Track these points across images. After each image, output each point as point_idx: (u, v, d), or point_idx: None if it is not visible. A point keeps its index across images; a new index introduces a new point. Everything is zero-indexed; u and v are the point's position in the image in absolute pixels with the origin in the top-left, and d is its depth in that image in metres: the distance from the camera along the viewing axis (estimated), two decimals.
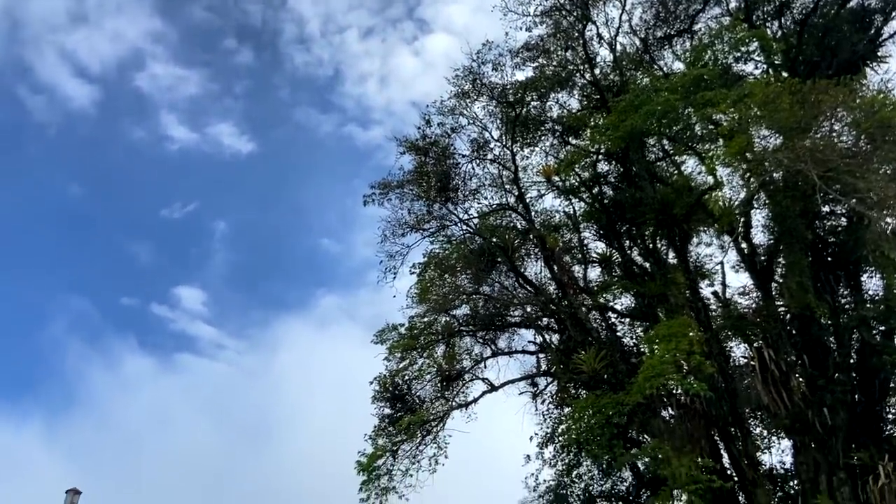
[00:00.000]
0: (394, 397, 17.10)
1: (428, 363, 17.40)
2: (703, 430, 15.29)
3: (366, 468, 15.82)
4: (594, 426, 14.12)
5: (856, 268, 15.37)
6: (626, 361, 16.65)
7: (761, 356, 14.52)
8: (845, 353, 15.19)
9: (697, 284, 17.45)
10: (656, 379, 13.29)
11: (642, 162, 17.67)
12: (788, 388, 14.39)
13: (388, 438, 16.58)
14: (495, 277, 18.46)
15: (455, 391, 17.81)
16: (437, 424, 17.05)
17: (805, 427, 14.58)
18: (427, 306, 17.94)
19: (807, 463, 14.79)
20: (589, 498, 17.49)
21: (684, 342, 13.63)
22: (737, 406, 15.49)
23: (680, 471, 12.95)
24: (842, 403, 14.49)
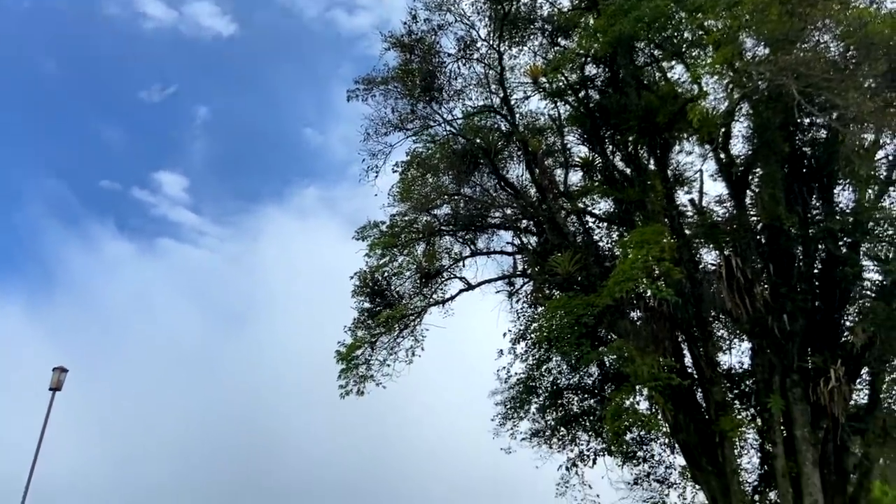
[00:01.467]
0: (373, 292, 17.66)
1: (408, 261, 17.86)
2: (667, 331, 16.06)
3: (345, 357, 16.59)
4: (565, 325, 14.78)
5: (829, 181, 15.69)
6: (600, 265, 17.19)
7: (729, 264, 15.05)
8: (810, 264, 15.80)
9: (675, 192, 17.79)
10: (626, 283, 13.84)
11: (630, 67, 17.49)
12: (752, 295, 15.01)
13: (367, 331, 17.28)
14: (477, 179, 18.64)
15: (433, 288, 18.39)
16: (415, 319, 17.74)
17: (764, 331, 15.35)
18: (408, 205, 18.19)
19: (763, 364, 15.68)
20: (556, 390, 18.50)
21: (656, 249, 14.10)
22: (701, 310, 16.19)
23: (643, 368, 13.68)
24: (801, 311, 15.20)
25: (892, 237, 14.77)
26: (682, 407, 15.80)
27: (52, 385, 18.86)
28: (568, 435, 18.82)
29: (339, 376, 16.74)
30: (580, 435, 18.82)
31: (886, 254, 15.04)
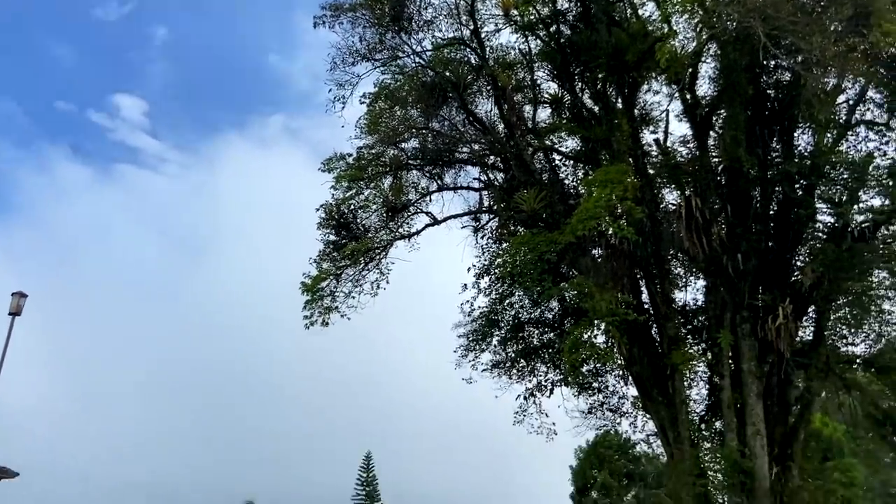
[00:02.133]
0: (339, 225, 17.68)
1: (374, 194, 17.86)
2: (626, 269, 16.48)
3: (310, 289, 16.72)
4: (528, 261, 15.06)
5: (789, 125, 15.98)
6: (564, 203, 17.42)
7: (689, 204, 15.38)
8: (766, 205, 16.25)
9: (640, 132, 17.94)
10: (589, 221, 14.11)
11: (601, 2, 17.33)
12: (709, 235, 15.42)
13: (333, 263, 17.39)
14: (445, 113, 18.51)
15: (399, 222, 18.48)
16: (381, 253, 17.88)
17: (719, 270, 15.86)
18: (376, 137, 18.05)
19: (715, 302, 16.28)
20: (518, 324, 18.98)
21: (620, 188, 14.34)
22: (660, 248, 16.62)
23: (601, 304, 14.10)
24: (755, 250, 15.70)
25: (846, 181, 15.20)
26: (637, 341, 16.39)
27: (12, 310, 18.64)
28: (527, 366, 19.41)
29: (304, 307, 16.91)
30: (539, 366, 19.43)
31: (840, 197, 15.50)
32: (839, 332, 17.13)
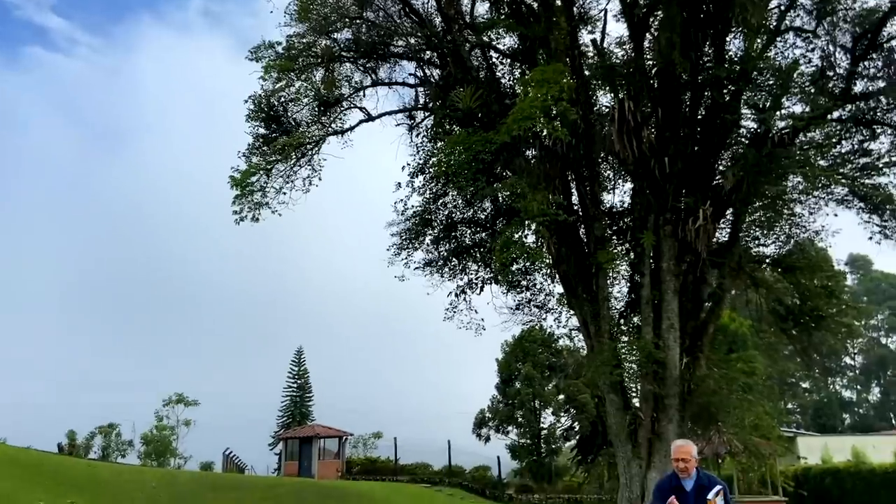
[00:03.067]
0: (269, 118, 17.09)
1: (305, 87, 17.24)
2: (558, 170, 16.74)
3: (239, 183, 16.30)
4: (463, 161, 15.05)
5: (723, 29, 16.11)
6: (500, 102, 17.30)
7: (622, 106, 15.57)
8: (695, 110, 16.59)
9: (578, 31, 17.75)
10: (525, 121, 14.09)
11: None
12: (640, 138, 15.74)
13: (263, 157, 16.92)
14: (380, 2, 17.77)
15: (332, 117, 18.01)
16: (313, 148, 17.49)
17: (646, 173, 16.32)
18: (307, 26, 17.22)
19: (641, 204, 16.82)
20: (451, 224, 19.19)
21: (556, 88, 14.30)
22: (592, 151, 16.88)
23: (533, 204, 14.34)
24: (682, 154, 16.17)
25: (771, 87, 15.59)
26: (565, 241, 16.91)
27: None
28: (459, 265, 19.80)
29: (233, 202, 16.55)
30: (470, 265, 19.85)
31: (764, 103, 15.94)
32: (753, 233, 18.10)
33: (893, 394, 72.02)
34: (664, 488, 5.99)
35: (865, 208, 16.34)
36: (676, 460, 5.95)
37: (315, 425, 46.67)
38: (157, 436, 48.90)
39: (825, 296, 17.26)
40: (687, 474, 5.89)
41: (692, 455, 5.93)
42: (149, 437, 48.84)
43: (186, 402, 50.32)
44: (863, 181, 15.91)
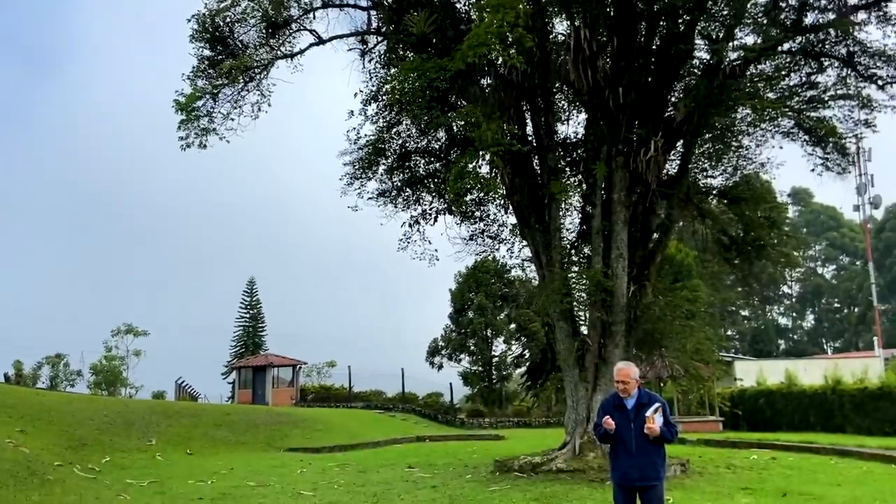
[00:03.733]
0: (214, 39, 16.35)
1: (252, 6, 16.49)
2: (513, 100, 16.60)
3: (184, 108, 15.70)
4: (417, 88, 14.72)
5: None
6: (456, 27, 16.87)
7: (578, 34, 15.38)
8: (650, 40, 16.53)
9: None
10: (480, 48, 13.79)
11: None
12: (595, 67, 15.63)
13: (209, 81, 16.28)
14: None
15: (281, 40, 17.34)
16: (261, 72, 16.89)
17: (600, 103, 16.32)
18: None
19: (594, 135, 16.89)
20: (404, 153, 18.98)
21: (511, 14, 13.99)
22: (547, 80, 16.73)
23: (487, 134, 14.24)
24: (635, 85, 16.17)
25: (725, 17, 15.57)
26: (519, 171, 16.95)
27: None
28: (413, 195, 19.72)
29: (178, 127, 15.98)
30: (424, 195, 19.80)
31: (717, 33, 15.96)
32: (701, 165, 18.45)
33: (826, 321, 75.84)
34: (607, 406, 6.28)
35: (810, 141, 16.76)
36: (618, 382, 6.19)
37: (268, 354, 46.88)
38: (106, 366, 48.44)
39: (767, 226, 17.84)
40: (628, 394, 6.14)
41: (632, 377, 6.17)
42: (98, 367, 48.35)
43: (136, 332, 49.78)
44: (808, 114, 16.25)
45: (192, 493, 12.46)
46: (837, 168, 16.87)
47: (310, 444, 22.91)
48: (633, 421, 6.01)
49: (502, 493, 12.15)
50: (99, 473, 14.05)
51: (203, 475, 14.93)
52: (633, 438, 5.96)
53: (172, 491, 12.64)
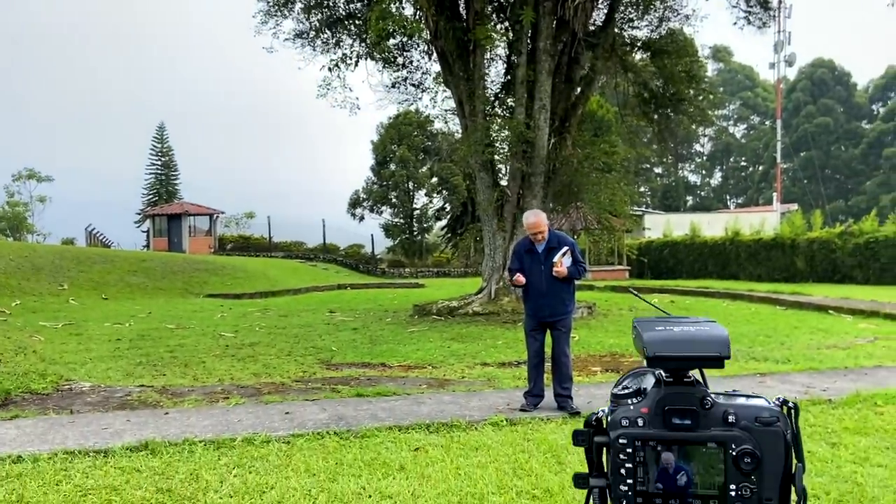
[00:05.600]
0: None
1: None
2: None
3: None
4: None
5: None
6: None
7: None
8: None
9: None
10: None
11: None
12: None
13: None
14: None
15: None
16: None
17: None
18: None
19: None
20: None
21: None
22: None
23: None
24: None
25: None
26: (444, 14, 16.25)
27: None
28: (332, 37, 18.74)
29: None
30: (344, 38, 18.85)
31: None
32: (627, 15, 18.19)
33: (732, 178, 79.68)
34: (519, 250, 6.48)
35: None
36: (534, 234, 6.31)
37: (183, 202, 45.67)
38: (9, 212, 46.16)
39: (687, 80, 18.07)
40: (540, 243, 6.33)
41: (543, 225, 6.34)
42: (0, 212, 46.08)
43: (39, 177, 47.21)
44: None
45: (109, 334, 12.46)
46: (758, 22, 17.03)
47: (230, 291, 23.04)
48: (543, 263, 6.27)
49: (420, 334, 12.73)
50: (10, 316, 13.79)
51: (120, 318, 14.89)
52: (543, 279, 6.25)
53: (89, 332, 12.60)
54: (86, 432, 5.30)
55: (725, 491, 0.81)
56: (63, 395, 7.26)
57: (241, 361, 9.68)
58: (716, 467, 0.81)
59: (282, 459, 4.59)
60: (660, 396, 0.85)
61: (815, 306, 15.86)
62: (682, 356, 0.81)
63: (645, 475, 0.83)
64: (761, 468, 0.80)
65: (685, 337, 0.81)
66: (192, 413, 6.06)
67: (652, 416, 0.84)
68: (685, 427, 0.83)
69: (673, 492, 0.83)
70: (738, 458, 0.79)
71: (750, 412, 0.83)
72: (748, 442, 0.80)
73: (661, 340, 0.82)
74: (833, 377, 7.47)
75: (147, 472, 4.28)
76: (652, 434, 0.83)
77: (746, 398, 0.85)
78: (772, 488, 0.81)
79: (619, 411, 0.87)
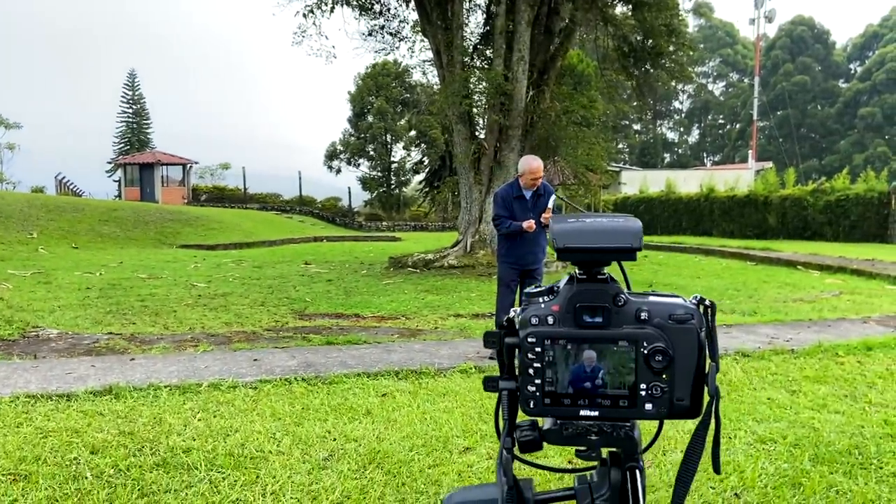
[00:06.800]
0: None
1: None
2: None
3: None
4: None
5: None
6: None
7: None
8: None
9: None
10: None
11: None
12: None
13: None
14: None
15: None
16: None
17: None
18: None
19: None
20: None
21: None
22: None
23: None
24: None
25: None
26: None
27: None
28: None
29: None
30: None
31: None
32: None
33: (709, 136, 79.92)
34: (506, 197, 6.28)
35: None
36: (534, 179, 6.15)
37: (156, 152, 44.80)
38: None
39: (667, 34, 17.88)
40: (534, 187, 6.22)
41: (542, 171, 6.28)
42: None
43: (6, 124, 45.87)
44: None
45: (79, 283, 12.29)
46: None
47: (203, 242, 22.80)
48: (531, 210, 6.22)
49: (395, 286, 12.73)
50: None
51: (90, 267, 14.68)
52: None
53: (58, 281, 12.42)
54: (49, 377, 5.24)
55: (636, 390, 0.80)
56: (30, 342, 7.17)
57: (212, 311, 9.61)
58: (626, 366, 0.79)
59: (248, 404, 4.59)
60: (571, 293, 0.82)
61: (784, 262, 16.12)
62: (591, 247, 0.78)
63: (554, 375, 0.81)
64: (673, 367, 0.79)
65: (595, 228, 0.78)
66: (158, 359, 6.02)
67: (563, 313, 0.81)
68: (596, 325, 0.81)
69: (582, 391, 0.81)
70: (650, 356, 0.78)
71: (663, 309, 0.81)
72: (660, 340, 0.78)
73: (570, 231, 0.79)
74: (797, 328, 7.61)
75: (110, 416, 4.26)
76: (561, 332, 0.81)
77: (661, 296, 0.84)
78: (684, 388, 0.79)
79: (529, 309, 0.84)
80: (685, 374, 0.77)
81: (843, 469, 3.59)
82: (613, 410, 0.80)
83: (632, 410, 0.80)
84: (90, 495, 3.08)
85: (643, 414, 0.80)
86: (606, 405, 0.80)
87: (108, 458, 3.54)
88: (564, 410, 0.82)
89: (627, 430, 0.82)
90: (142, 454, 3.61)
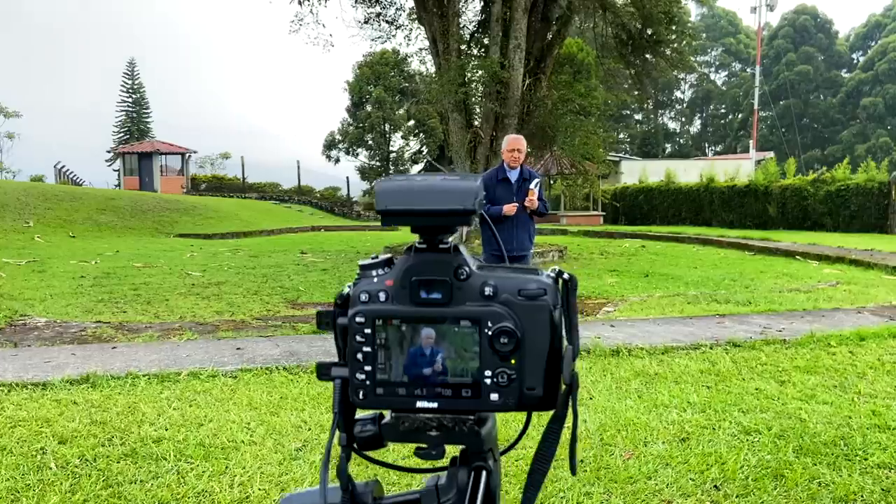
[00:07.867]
0: None
1: None
2: None
3: None
4: None
5: None
6: None
7: None
8: None
9: None
10: None
11: None
12: None
13: None
14: None
15: None
16: None
17: None
18: None
19: None
20: None
21: None
22: None
23: None
24: None
25: None
26: None
27: None
28: None
29: None
30: None
31: None
32: None
33: (711, 126, 79.53)
34: (489, 181, 6.21)
35: None
36: (511, 151, 6.14)
37: (155, 141, 44.68)
38: None
39: (666, 22, 17.69)
40: (517, 164, 6.18)
41: (524, 147, 6.22)
42: None
43: (6, 112, 45.75)
44: None
45: (73, 271, 12.23)
46: None
47: (201, 231, 22.73)
48: (515, 194, 6.14)
49: None
50: None
51: (86, 256, 14.62)
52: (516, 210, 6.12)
53: (53, 269, 12.36)
54: (27, 365, 5.18)
55: (480, 378, 0.69)
56: (16, 330, 7.12)
57: (205, 300, 9.55)
58: (469, 350, 0.67)
59: (226, 394, 4.52)
60: (407, 265, 0.70)
61: (782, 252, 16.00)
62: (416, 210, 0.65)
63: (387, 360, 0.69)
64: (522, 350, 0.67)
65: (422, 187, 0.66)
66: (140, 348, 5.96)
67: (397, 289, 0.69)
68: (435, 302, 0.68)
69: (419, 379, 0.70)
70: (494, 338, 0.66)
71: (512, 283, 0.68)
72: (507, 319, 0.67)
73: (394, 190, 0.66)
74: (790, 318, 7.53)
75: (84, 405, 4.19)
76: (394, 311, 0.68)
77: (513, 270, 0.71)
78: (535, 375, 0.67)
79: (360, 284, 0.71)
80: (536, 359, 0.67)
81: (827, 460, 3.52)
82: (455, 401, 0.69)
83: (476, 401, 0.69)
84: (52, 487, 3.02)
85: (489, 405, 0.69)
86: (447, 395, 0.69)
87: (76, 448, 3.47)
88: (399, 401, 0.70)
89: (472, 424, 0.70)
90: (111, 444, 3.55)
